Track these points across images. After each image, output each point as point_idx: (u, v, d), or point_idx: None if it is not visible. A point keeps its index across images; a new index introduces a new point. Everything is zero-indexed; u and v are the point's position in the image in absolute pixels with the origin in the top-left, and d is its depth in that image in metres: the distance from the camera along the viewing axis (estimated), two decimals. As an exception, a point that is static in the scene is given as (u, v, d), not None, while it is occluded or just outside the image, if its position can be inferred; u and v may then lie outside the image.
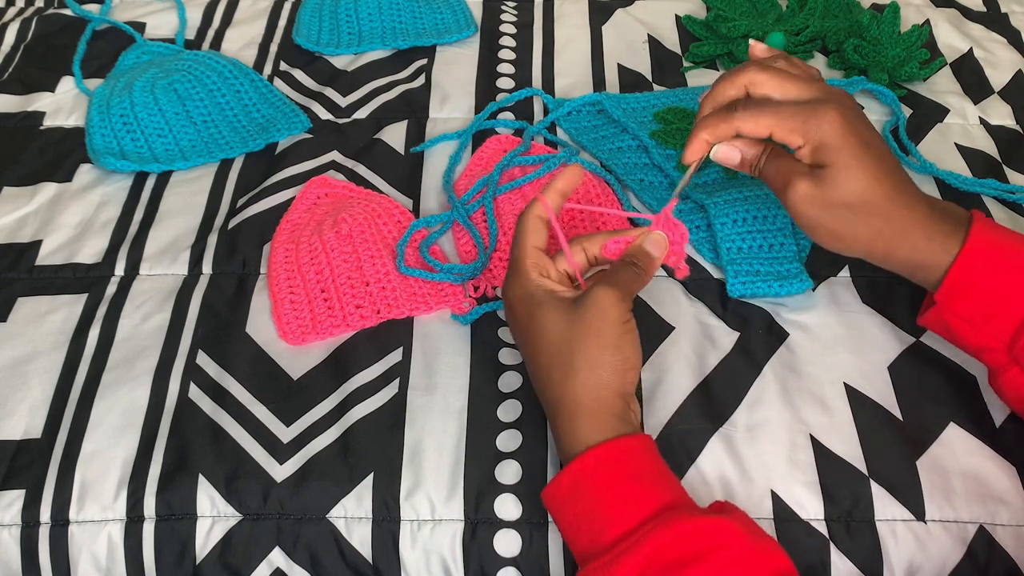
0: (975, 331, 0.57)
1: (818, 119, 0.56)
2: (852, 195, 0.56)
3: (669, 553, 0.49)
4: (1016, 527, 0.59)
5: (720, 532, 0.50)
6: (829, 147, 0.56)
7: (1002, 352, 0.57)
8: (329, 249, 0.73)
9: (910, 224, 0.56)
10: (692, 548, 0.49)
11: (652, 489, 0.52)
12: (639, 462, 0.53)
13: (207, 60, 0.92)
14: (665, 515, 0.51)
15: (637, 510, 0.51)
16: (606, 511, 0.51)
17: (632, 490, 0.52)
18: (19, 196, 0.81)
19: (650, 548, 0.49)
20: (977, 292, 0.56)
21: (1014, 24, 1.01)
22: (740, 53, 0.93)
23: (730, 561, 0.49)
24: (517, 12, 1.03)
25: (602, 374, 0.54)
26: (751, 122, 0.57)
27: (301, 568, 0.61)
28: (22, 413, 0.65)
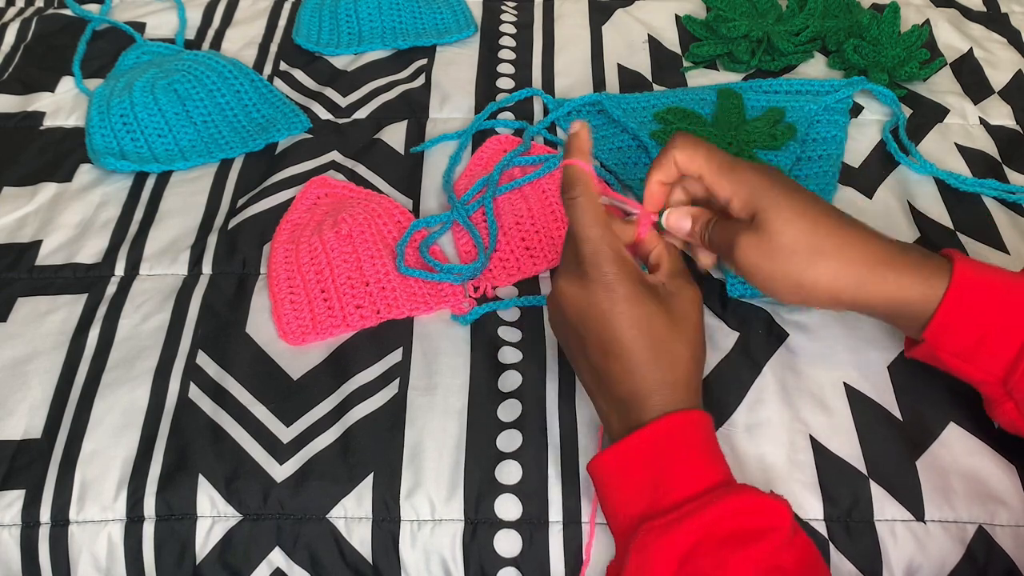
0: (968, 366, 0.56)
1: (743, 171, 0.57)
2: (793, 235, 0.55)
3: (733, 522, 0.50)
4: (1015, 527, 0.59)
5: (778, 513, 0.51)
6: (757, 193, 0.56)
7: (996, 386, 0.56)
8: (329, 249, 0.73)
9: (869, 258, 0.55)
10: (754, 523, 0.50)
11: (716, 462, 0.54)
12: (707, 436, 0.55)
13: (207, 60, 0.92)
14: (731, 486, 0.52)
15: (704, 477, 0.52)
16: (676, 474, 0.52)
17: (700, 459, 0.53)
18: (19, 196, 0.81)
19: (718, 511, 0.50)
20: (968, 329, 0.55)
21: (1014, 24, 1.01)
22: (740, 53, 0.93)
23: (781, 544, 0.50)
24: (517, 12, 1.03)
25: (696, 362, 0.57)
26: (684, 153, 0.58)
27: (301, 568, 0.61)
28: (22, 413, 0.65)
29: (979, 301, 0.55)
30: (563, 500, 0.61)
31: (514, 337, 0.69)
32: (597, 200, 0.56)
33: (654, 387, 0.54)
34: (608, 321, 0.55)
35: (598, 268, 0.55)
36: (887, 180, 0.82)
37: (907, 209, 0.79)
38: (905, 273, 0.55)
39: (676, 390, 0.55)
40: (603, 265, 0.55)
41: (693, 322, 0.57)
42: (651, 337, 0.55)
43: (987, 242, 0.76)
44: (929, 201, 0.79)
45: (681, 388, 0.55)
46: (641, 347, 0.54)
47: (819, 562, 0.52)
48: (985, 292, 0.55)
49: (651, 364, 0.55)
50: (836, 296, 0.56)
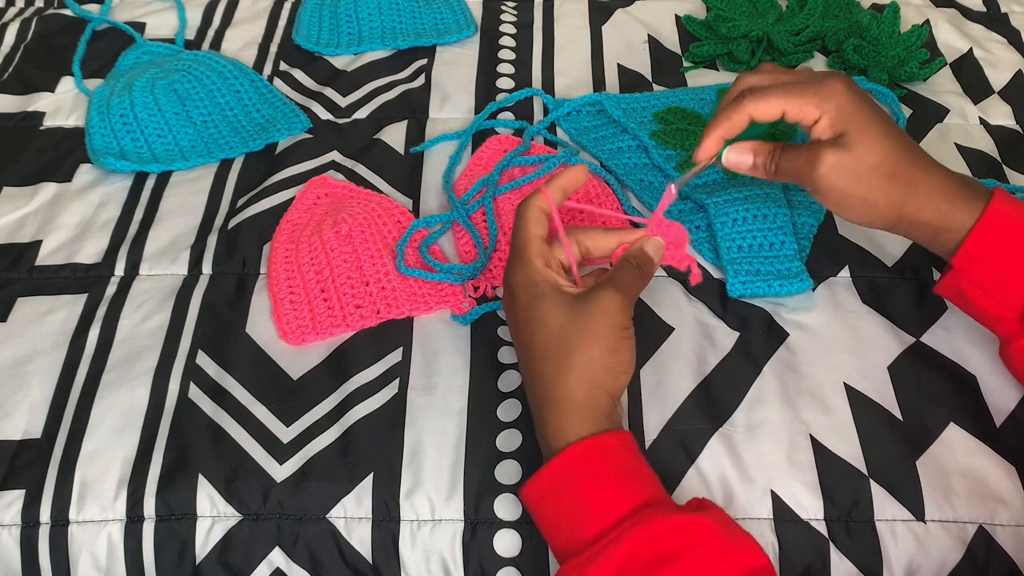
0: (989, 298, 0.58)
1: (828, 88, 0.58)
2: (878, 155, 0.57)
3: (646, 551, 0.49)
4: (1015, 527, 0.59)
5: (696, 529, 0.50)
6: (846, 113, 0.57)
7: (1012, 321, 0.58)
8: (329, 249, 0.73)
9: (932, 187, 0.58)
10: (669, 546, 0.49)
11: (632, 486, 0.52)
12: (620, 458, 0.53)
13: (207, 60, 0.92)
14: (643, 512, 0.51)
15: (616, 507, 0.51)
16: (587, 507, 0.52)
17: (612, 487, 0.52)
18: (19, 196, 0.81)
19: (628, 546, 0.49)
20: (993, 258, 0.57)
21: (1014, 24, 1.01)
22: (740, 53, 0.93)
23: (706, 559, 0.49)
24: (517, 12, 1.03)
25: (597, 374, 0.55)
26: (762, 103, 0.59)
27: (301, 568, 0.61)
28: (22, 413, 0.65)
29: (1007, 234, 0.57)
30: (563, 500, 0.61)
31: (514, 337, 0.69)
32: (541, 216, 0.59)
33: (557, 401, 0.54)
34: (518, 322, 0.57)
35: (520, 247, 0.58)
36: (887, 180, 0.82)
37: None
38: (955, 203, 0.57)
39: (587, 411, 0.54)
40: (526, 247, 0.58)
41: (602, 330, 0.55)
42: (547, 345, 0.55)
43: (987, 242, 0.76)
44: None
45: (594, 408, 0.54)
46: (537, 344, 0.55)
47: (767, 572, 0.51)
48: (1013, 227, 0.57)
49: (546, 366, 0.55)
50: (896, 217, 0.58)
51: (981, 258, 0.57)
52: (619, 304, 0.55)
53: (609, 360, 0.55)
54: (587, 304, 0.55)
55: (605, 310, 0.55)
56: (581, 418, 0.54)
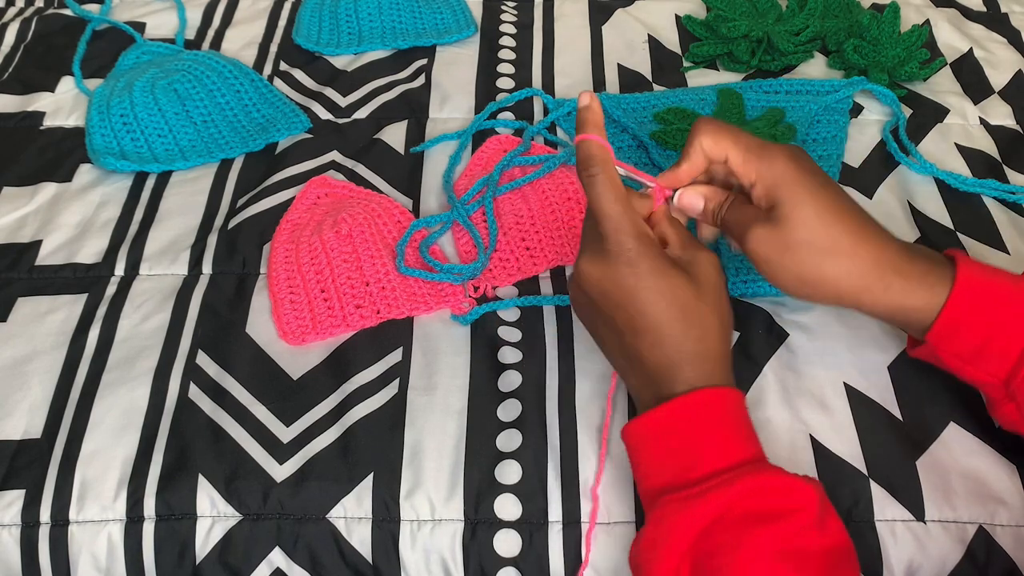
0: (970, 367, 0.56)
1: (771, 154, 0.56)
2: (810, 232, 0.55)
3: (754, 501, 0.50)
4: (1015, 527, 0.59)
5: (803, 495, 0.51)
6: (782, 184, 0.55)
7: (998, 387, 0.56)
8: (329, 249, 0.73)
9: (880, 263, 0.55)
10: (776, 503, 0.50)
11: (744, 439, 0.53)
12: (735, 412, 0.54)
13: (207, 60, 0.92)
14: (755, 464, 0.52)
15: (730, 454, 0.52)
16: (702, 449, 0.52)
17: (728, 435, 0.53)
18: (19, 196, 0.81)
19: (739, 490, 0.50)
20: (970, 331, 0.55)
21: (1014, 24, 1.01)
22: (740, 53, 0.93)
23: (805, 526, 0.50)
24: (517, 12, 1.03)
25: (725, 328, 0.56)
26: (710, 139, 0.58)
27: (301, 568, 0.61)
28: (22, 413, 0.65)
29: (982, 305, 0.55)
30: (563, 500, 0.61)
31: (514, 337, 0.69)
32: (616, 176, 0.56)
33: (685, 359, 0.54)
34: (634, 297, 0.54)
35: (620, 244, 0.54)
36: (887, 180, 0.82)
37: (907, 209, 0.79)
38: (911, 280, 0.55)
39: (707, 363, 0.54)
40: (625, 241, 0.54)
41: (717, 287, 0.56)
42: (679, 308, 0.54)
43: (987, 242, 0.76)
44: (929, 201, 0.79)
45: (711, 361, 0.55)
46: (669, 319, 0.54)
47: (850, 554, 0.51)
48: (988, 296, 0.55)
49: (680, 336, 0.54)
50: (839, 296, 0.57)
51: (957, 332, 0.55)
52: (719, 264, 0.57)
53: (729, 315, 0.57)
54: (698, 264, 0.56)
55: (714, 267, 0.57)
56: (709, 369, 0.54)
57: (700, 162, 0.59)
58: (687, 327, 0.54)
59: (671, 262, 0.55)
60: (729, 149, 0.57)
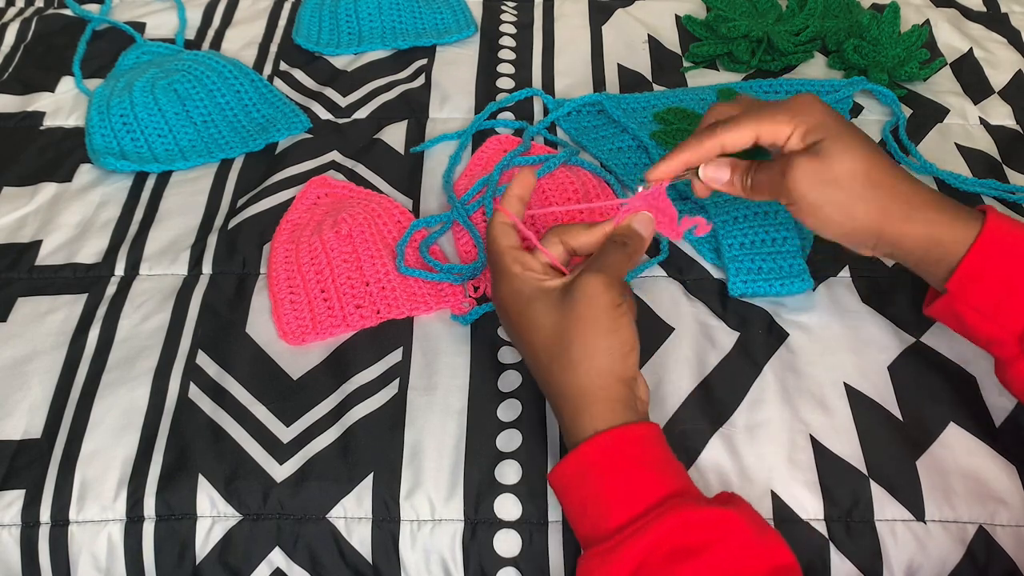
0: (986, 321, 0.56)
1: (799, 104, 0.57)
2: (856, 161, 0.55)
3: (673, 541, 0.49)
4: (1015, 527, 0.59)
5: (725, 523, 0.50)
6: (818, 123, 0.56)
7: (1012, 344, 0.56)
8: (329, 249, 0.73)
9: (920, 198, 0.56)
10: (696, 538, 0.49)
11: (658, 477, 0.52)
12: (645, 450, 0.53)
13: (207, 60, 0.92)
14: (670, 503, 0.50)
15: (642, 497, 0.51)
16: (611, 497, 0.51)
17: (637, 477, 0.52)
18: (19, 196, 0.81)
19: (654, 535, 0.49)
20: (992, 281, 0.55)
21: (1014, 24, 1.01)
22: (740, 53, 0.93)
23: (733, 553, 0.49)
24: (517, 12, 1.03)
25: (601, 361, 0.54)
26: (733, 131, 0.58)
27: (301, 568, 0.61)
28: (22, 413, 0.65)
29: (1007, 253, 0.55)
30: (563, 500, 0.61)
31: (514, 337, 0.69)
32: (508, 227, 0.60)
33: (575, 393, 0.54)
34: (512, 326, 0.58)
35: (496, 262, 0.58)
36: (887, 180, 0.82)
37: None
38: (945, 215, 0.56)
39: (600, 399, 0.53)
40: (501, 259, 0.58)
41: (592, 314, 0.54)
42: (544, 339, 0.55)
43: (987, 242, 0.76)
44: (929, 201, 0.79)
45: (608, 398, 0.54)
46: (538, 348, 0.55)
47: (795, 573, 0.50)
48: (1014, 247, 0.55)
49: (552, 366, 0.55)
50: (880, 229, 0.56)
51: (979, 281, 0.55)
52: (602, 284, 0.54)
53: (609, 343, 0.54)
54: (571, 293, 0.55)
55: (589, 295, 0.54)
56: (596, 411, 0.53)
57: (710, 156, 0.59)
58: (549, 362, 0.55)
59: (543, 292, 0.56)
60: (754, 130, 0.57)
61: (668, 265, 0.74)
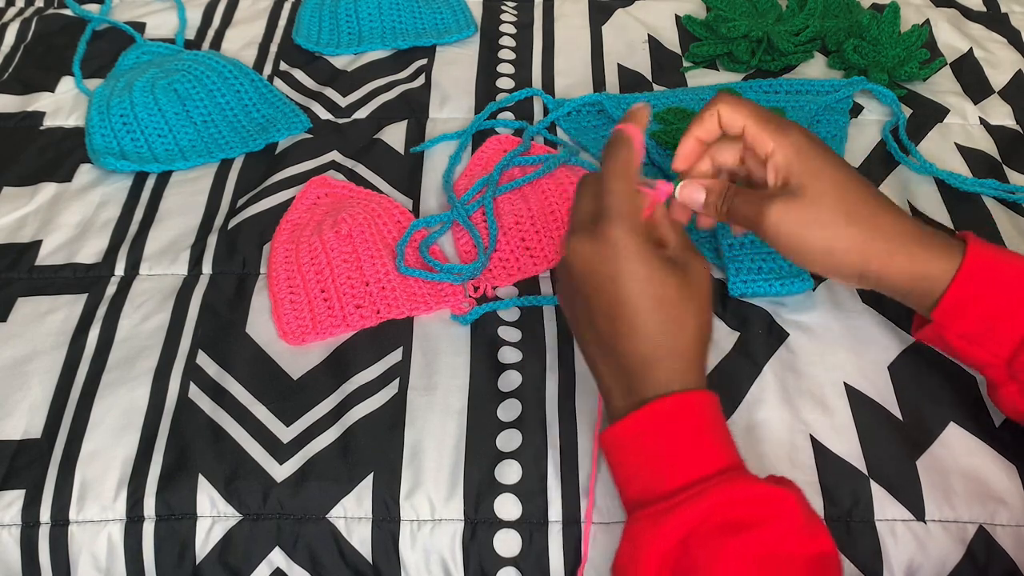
0: (973, 347, 0.56)
1: (788, 128, 0.57)
2: (832, 201, 0.55)
3: (727, 513, 0.49)
4: (1016, 527, 0.59)
5: (780, 502, 0.50)
6: (800, 154, 0.56)
7: (1001, 368, 0.56)
8: (329, 249, 0.73)
9: (900, 231, 0.55)
10: (751, 513, 0.49)
11: (718, 447, 0.52)
12: (705, 418, 0.53)
13: (207, 60, 0.92)
14: (728, 474, 0.51)
15: (701, 465, 0.51)
16: (668, 461, 0.51)
17: (697, 444, 0.52)
18: (19, 196, 0.81)
19: (710, 503, 0.49)
20: (977, 309, 0.55)
21: (1014, 24, 1.01)
22: (740, 53, 0.93)
23: (784, 533, 0.49)
24: (517, 12, 1.03)
25: (704, 335, 0.55)
26: (729, 109, 0.58)
27: (301, 568, 0.61)
28: (22, 413, 0.65)
29: (989, 282, 0.55)
30: (563, 500, 0.61)
31: (514, 337, 0.69)
32: (634, 164, 0.56)
33: (659, 355, 0.53)
34: (616, 280, 0.53)
35: (612, 223, 0.53)
36: (887, 180, 0.82)
37: (907, 209, 0.79)
38: (931, 249, 0.55)
39: (679, 362, 0.53)
40: (619, 221, 0.53)
41: (703, 294, 0.55)
42: (660, 300, 0.53)
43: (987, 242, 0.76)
44: (929, 201, 0.79)
45: (686, 361, 0.54)
46: (649, 308, 0.53)
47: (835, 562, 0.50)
48: (996, 274, 0.55)
49: (658, 328, 0.53)
50: (864, 264, 0.56)
51: (963, 310, 0.55)
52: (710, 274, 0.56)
53: (710, 320, 0.56)
54: (691, 268, 0.55)
55: (705, 276, 0.56)
56: (679, 367, 0.53)
57: (713, 128, 0.59)
58: (664, 322, 0.53)
59: (662, 257, 0.54)
60: (747, 118, 0.57)
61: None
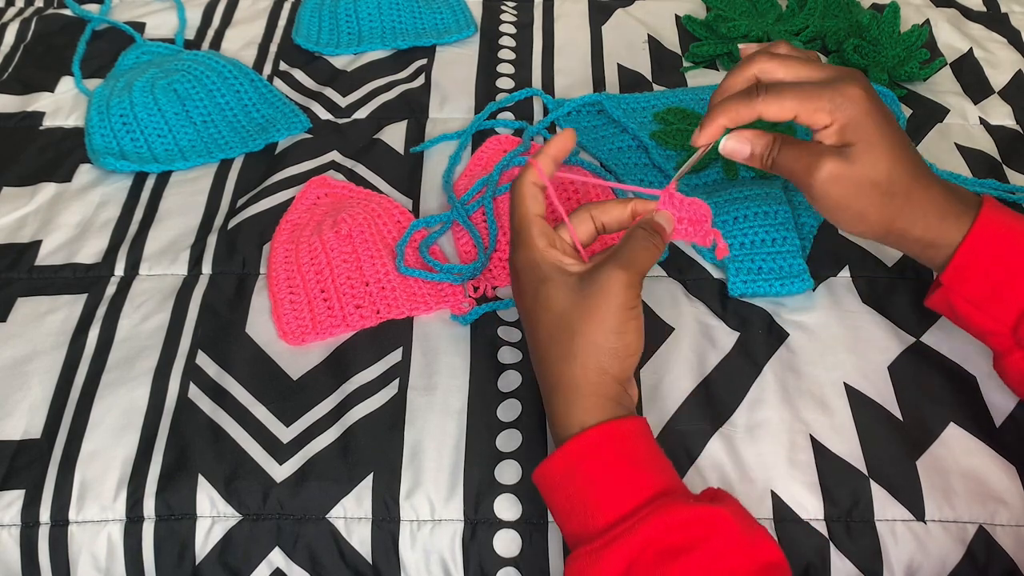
0: (980, 313, 0.57)
1: (843, 96, 0.55)
2: (881, 172, 0.55)
3: (662, 541, 0.49)
4: (1015, 527, 0.59)
5: (713, 521, 0.49)
6: (856, 124, 0.55)
7: (1006, 335, 0.57)
8: (329, 249, 0.73)
9: (927, 203, 0.56)
10: (685, 536, 0.49)
11: (646, 474, 0.51)
12: (633, 446, 0.52)
13: (207, 60, 0.92)
14: (659, 502, 0.50)
15: (631, 496, 0.50)
16: (599, 495, 0.51)
17: (626, 475, 0.51)
18: (19, 196, 0.81)
19: (643, 535, 0.49)
20: (983, 274, 0.56)
21: (1014, 24, 1.01)
22: (739, 53, 0.93)
23: (721, 551, 0.49)
24: (517, 12, 1.03)
25: (602, 359, 0.53)
26: (775, 105, 0.56)
27: (301, 568, 0.61)
28: (22, 413, 0.65)
29: (998, 246, 0.55)
30: (563, 500, 0.60)
31: (514, 337, 0.69)
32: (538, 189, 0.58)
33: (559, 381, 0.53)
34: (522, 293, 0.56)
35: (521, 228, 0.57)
36: (887, 180, 0.82)
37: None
38: (947, 219, 0.56)
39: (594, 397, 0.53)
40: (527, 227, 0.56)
41: (606, 311, 0.53)
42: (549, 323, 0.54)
43: (987, 242, 0.76)
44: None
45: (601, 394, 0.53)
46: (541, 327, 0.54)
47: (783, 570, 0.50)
48: (1005, 239, 0.55)
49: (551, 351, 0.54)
50: (888, 230, 0.57)
51: (970, 274, 0.56)
52: (624, 282, 0.53)
53: (615, 344, 0.53)
54: (590, 284, 0.53)
55: (609, 290, 0.53)
56: (589, 404, 0.53)
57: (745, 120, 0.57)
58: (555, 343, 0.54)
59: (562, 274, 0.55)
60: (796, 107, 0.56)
61: (668, 265, 0.74)
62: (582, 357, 0.53)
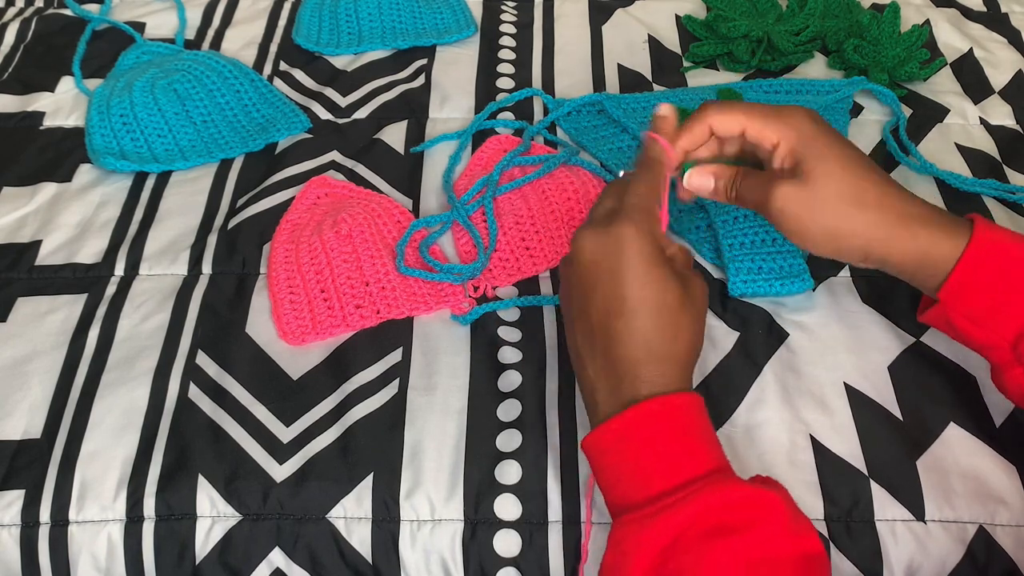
0: (979, 329, 0.56)
1: (791, 115, 0.57)
2: (842, 184, 0.55)
3: (713, 517, 0.48)
4: (1016, 527, 0.59)
5: (767, 504, 0.50)
6: (806, 141, 0.56)
7: (1006, 350, 0.56)
8: (329, 249, 0.73)
9: (905, 214, 0.56)
10: (738, 516, 0.49)
11: (705, 449, 0.52)
12: (692, 420, 0.53)
13: (207, 60, 0.92)
14: (713, 477, 0.50)
15: (687, 467, 0.50)
16: (653, 464, 0.51)
17: (682, 446, 0.51)
18: (19, 196, 0.81)
19: (696, 508, 0.48)
20: (983, 290, 0.55)
21: (1014, 24, 1.01)
22: (740, 53, 0.93)
23: (770, 536, 0.49)
24: (517, 12, 1.03)
25: (697, 343, 0.55)
26: (723, 116, 0.58)
27: (301, 568, 0.61)
28: (22, 413, 0.65)
29: (995, 263, 0.55)
30: (562, 500, 0.61)
31: (514, 337, 0.69)
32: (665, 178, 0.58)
33: (650, 358, 0.53)
34: (620, 275, 0.54)
35: (625, 221, 0.54)
36: (887, 180, 0.82)
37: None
38: (933, 230, 0.56)
39: (670, 365, 0.53)
40: (632, 220, 0.54)
41: (700, 307, 0.56)
42: (659, 304, 0.53)
43: (987, 242, 0.76)
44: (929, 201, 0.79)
45: (675, 364, 0.54)
46: (648, 310, 0.53)
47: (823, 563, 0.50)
48: (1003, 255, 0.55)
49: (654, 331, 0.53)
50: (867, 247, 0.56)
51: (969, 291, 0.55)
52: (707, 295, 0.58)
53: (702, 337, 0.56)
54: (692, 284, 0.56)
55: (704, 294, 0.57)
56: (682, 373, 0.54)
57: (700, 138, 0.59)
58: (660, 327, 0.53)
59: (668, 265, 0.55)
60: (743, 120, 0.58)
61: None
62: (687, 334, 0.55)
